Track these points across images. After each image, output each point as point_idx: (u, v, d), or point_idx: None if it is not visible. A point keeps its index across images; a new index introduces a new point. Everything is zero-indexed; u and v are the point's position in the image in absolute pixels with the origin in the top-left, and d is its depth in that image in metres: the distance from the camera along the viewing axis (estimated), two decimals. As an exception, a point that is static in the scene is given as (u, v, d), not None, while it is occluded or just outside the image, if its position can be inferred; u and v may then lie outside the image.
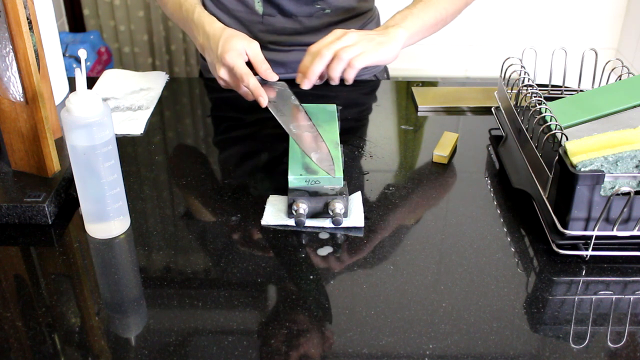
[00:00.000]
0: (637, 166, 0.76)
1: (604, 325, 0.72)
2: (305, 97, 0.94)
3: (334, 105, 1.04)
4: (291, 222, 0.85)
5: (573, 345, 0.69)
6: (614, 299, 0.75)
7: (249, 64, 0.98)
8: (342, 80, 1.13)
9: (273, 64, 1.21)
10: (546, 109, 0.90)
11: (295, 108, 0.95)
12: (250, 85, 0.94)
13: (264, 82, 0.98)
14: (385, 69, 1.44)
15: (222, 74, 0.99)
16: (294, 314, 0.72)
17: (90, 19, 2.54)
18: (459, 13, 1.14)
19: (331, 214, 0.84)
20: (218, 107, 1.21)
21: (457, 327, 0.70)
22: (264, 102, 0.93)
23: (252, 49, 0.97)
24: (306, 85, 0.97)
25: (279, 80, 0.99)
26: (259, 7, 1.18)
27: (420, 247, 0.82)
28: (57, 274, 0.78)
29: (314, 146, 0.88)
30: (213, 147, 1.07)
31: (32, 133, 0.86)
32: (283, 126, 0.91)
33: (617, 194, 0.75)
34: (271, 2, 1.17)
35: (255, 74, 0.98)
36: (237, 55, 0.95)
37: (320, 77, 0.99)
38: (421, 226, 0.87)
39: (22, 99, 0.85)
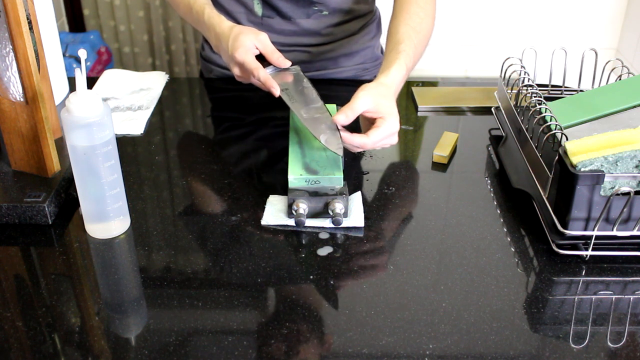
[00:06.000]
0: (637, 166, 0.76)
1: (604, 325, 0.71)
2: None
3: (334, 106, 1.04)
4: (291, 222, 0.85)
5: (573, 345, 0.69)
6: (613, 299, 0.75)
7: (261, 56, 0.99)
8: (342, 80, 1.11)
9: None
10: (546, 109, 0.90)
11: (308, 91, 0.96)
12: (261, 78, 0.95)
13: (279, 69, 1.00)
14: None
15: (236, 71, 1.01)
16: (293, 314, 0.72)
17: (90, 19, 2.53)
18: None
19: (331, 214, 0.84)
20: (218, 107, 1.21)
21: (457, 327, 0.70)
22: (276, 92, 0.94)
23: (260, 41, 0.99)
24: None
25: (292, 65, 1.00)
26: (257, 8, 1.19)
27: (420, 247, 0.82)
28: (57, 274, 0.78)
29: (323, 128, 0.90)
30: (213, 147, 1.07)
31: (32, 133, 0.86)
32: (294, 112, 0.92)
33: (617, 194, 0.75)
34: (269, 5, 1.18)
35: (269, 63, 0.99)
36: (245, 51, 0.97)
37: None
38: (421, 226, 0.87)
39: (22, 99, 0.85)
